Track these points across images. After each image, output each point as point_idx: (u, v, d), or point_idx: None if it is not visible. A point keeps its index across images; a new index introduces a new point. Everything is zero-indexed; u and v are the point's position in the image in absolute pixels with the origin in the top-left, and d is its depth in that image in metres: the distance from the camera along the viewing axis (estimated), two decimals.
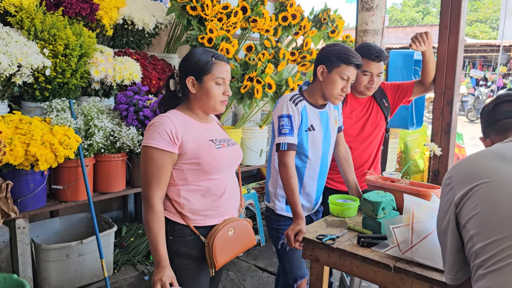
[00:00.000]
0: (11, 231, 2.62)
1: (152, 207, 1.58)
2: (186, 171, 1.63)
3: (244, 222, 1.79)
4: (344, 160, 2.33)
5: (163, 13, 3.74)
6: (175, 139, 1.59)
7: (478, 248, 1.09)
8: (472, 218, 1.11)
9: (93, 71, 2.91)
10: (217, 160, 1.65)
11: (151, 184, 1.59)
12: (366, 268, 1.67)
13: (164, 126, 1.59)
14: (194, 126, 1.68)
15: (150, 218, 1.57)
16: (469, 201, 1.13)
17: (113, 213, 4.07)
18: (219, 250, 1.64)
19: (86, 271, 3.03)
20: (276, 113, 2.07)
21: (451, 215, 1.17)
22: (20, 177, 2.52)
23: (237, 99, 3.34)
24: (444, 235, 1.21)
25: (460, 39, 2.40)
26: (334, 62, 2.00)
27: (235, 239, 1.72)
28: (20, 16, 2.69)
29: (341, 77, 2.00)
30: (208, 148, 1.65)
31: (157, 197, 1.59)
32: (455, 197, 1.16)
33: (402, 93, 2.58)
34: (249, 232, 1.81)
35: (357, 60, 2.00)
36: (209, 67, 1.64)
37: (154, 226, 1.56)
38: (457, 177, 1.19)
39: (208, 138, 1.69)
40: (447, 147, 2.46)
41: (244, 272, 3.51)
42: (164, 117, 1.62)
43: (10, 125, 2.44)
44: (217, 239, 1.64)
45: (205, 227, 1.67)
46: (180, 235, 1.65)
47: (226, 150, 1.71)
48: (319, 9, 4.18)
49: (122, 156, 3.02)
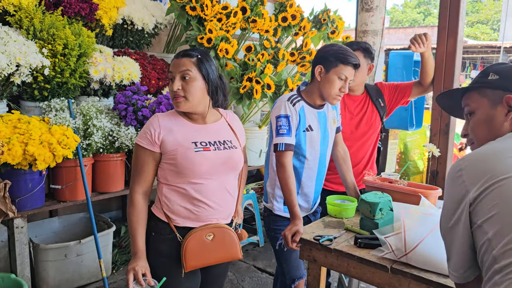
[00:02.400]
0: (9, 231, 2.61)
1: (132, 201, 1.66)
2: (166, 171, 1.66)
3: (229, 231, 1.72)
4: (342, 160, 2.33)
5: (163, 13, 3.74)
6: (155, 138, 1.63)
7: (498, 252, 1.00)
8: (491, 219, 1.02)
9: (92, 70, 2.91)
10: (193, 164, 1.61)
11: (133, 179, 1.68)
12: (363, 269, 1.67)
13: (149, 124, 1.65)
14: (181, 127, 1.67)
15: (129, 211, 1.65)
16: (486, 199, 1.03)
17: (112, 213, 4.07)
18: (191, 252, 1.63)
19: (85, 271, 3.03)
20: (274, 113, 2.06)
21: (463, 212, 1.08)
22: (18, 177, 2.52)
23: (236, 99, 3.34)
24: (452, 232, 1.12)
25: (459, 39, 2.40)
26: (332, 62, 1.99)
27: (212, 245, 1.67)
28: (19, 15, 2.69)
29: (339, 77, 1.99)
30: (185, 150, 1.62)
31: (137, 192, 1.66)
32: (468, 193, 1.06)
33: (400, 94, 2.58)
34: (233, 243, 1.73)
35: (355, 60, 1.99)
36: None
37: (132, 219, 1.64)
38: (469, 170, 1.09)
39: (192, 140, 1.65)
40: (445, 148, 2.46)
41: (243, 272, 3.51)
42: (155, 116, 1.68)
43: (9, 125, 2.44)
44: (190, 240, 1.63)
45: (185, 228, 1.67)
46: (161, 233, 1.69)
47: (209, 154, 1.65)
48: (319, 9, 4.17)
49: (121, 156, 3.02)
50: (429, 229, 1.56)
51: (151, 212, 1.71)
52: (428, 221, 1.61)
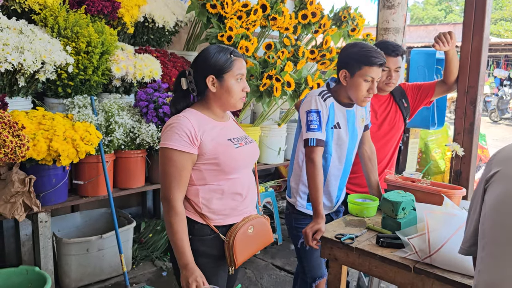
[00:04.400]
0: (34, 225, 2.67)
1: (175, 209, 1.55)
2: (205, 171, 1.61)
3: (263, 219, 1.78)
4: (368, 159, 2.30)
5: (183, 11, 3.77)
6: (194, 140, 1.56)
7: (486, 228, 1.06)
8: (492, 198, 1.07)
9: (114, 68, 2.95)
10: (236, 160, 1.63)
11: (171, 186, 1.56)
12: (385, 268, 1.65)
13: (183, 126, 1.56)
14: (211, 125, 1.64)
15: (173, 220, 1.55)
16: (498, 180, 1.07)
17: (132, 209, 4.12)
18: (239, 248, 1.64)
19: (106, 265, 3.08)
20: (304, 108, 2.03)
21: (480, 190, 1.13)
22: (42, 172, 2.57)
23: (256, 97, 3.34)
24: (471, 205, 1.18)
25: (484, 37, 2.35)
26: (355, 66, 1.94)
27: (254, 237, 1.71)
28: (44, 14, 2.74)
29: (364, 80, 1.94)
30: (226, 148, 1.62)
31: (179, 199, 1.57)
32: (489, 173, 1.11)
33: (424, 94, 2.54)
34: (267, 229, 1.80)
35: (379, 59, 1.93)
36: (229, 65, 1.61)
37: (178, 229, 1.54)
38: (499, 156, 1.13)
39: (226, 137, 1.66)
40: (469, 147, 2.41)
41: (262, 270, 3.51)
42: (181, 117, 1.59)
43: (34, 121, 2.49)
44: (237, 237, 1.63)
45: (224, 226, 1.66)
46: (200, 234, 1.64)
47: (244, 149, 1.68)
48: (340, 7, 4.14)
49: (142, 152, 3.05)
50: (453, 230, 1.53)
51: None
52: (453, 221, 1.58)
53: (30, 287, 2.46)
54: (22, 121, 2.36)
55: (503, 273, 0.99)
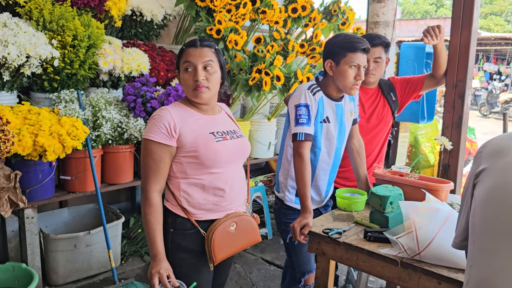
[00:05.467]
0: (20, 221, 2.64)
1: (149, 200, 1.57)
2: (185, 164, 1.61)
3: (248, 218, 1.74)
4: (356, 153, 2.29)
5: (172, 4, 3.72)
6: (172, 132, 1.56)
7: (476, 223, 1.06)
8: (481, 194, 1.07)
9: (101, 62, 2.91)
10: (216, 153, 1.60)
11: (149, 177, 1.58)
12: (372, 262, 1.65)
13: (162, 119, 1.57)
14: (194, 118, 1.64)
15: (147, 211, 1.57)
16: (487, 175, 1.08)
17: (121, 204, 4.09)
18: (218, 245, 1.62)
19: (94, 261, 3.06)
20: (293, 102, 2.02)
21: (469, 184, 1.14)
22: (28, 168, 2.54)
23: (245, 91, 3.32)
24: (463, 201, 1.18)
25: (473, 30, 2.35)
26: (340, 54, 1.95)
27: (236, 235, 1.68)
28: (29, 6, 2.69)
29: (350, 66, 1.95)
30: (206, 141, 1.60)
31: (155, 190, 1.58)
32: (478, 168, 1.11)
33: (412, 88, 2.54)
34: (253, 228, 1.76)
35: (363, 44, 1.93)
36: (180, 56, 1.64)
37: (151, 220, 1.56)
38: (487, 149, 1.14)
39: (209, 130, 1.64)
40: (458, 141, 2.42)
41: (251, 265, 3.51)
42: (163, 109, 1.60)
43: (19, 116, 2.45)
44: (216, 233, 1.61)
45: (206, 221, 1.65)
46: (181, 228, 1.64)
47: (227, 143, 1.66)
48: (330, 0, 4.12)
49: (130, 147, 3.02)
50: (439, 224, 1.54)
51: (165, 208, 1.66)
52: (438, 216, 1.58)
53: (17, 284, 2.44)
54: (7, 116, 2.32)
55: (494, 267, 0.99)
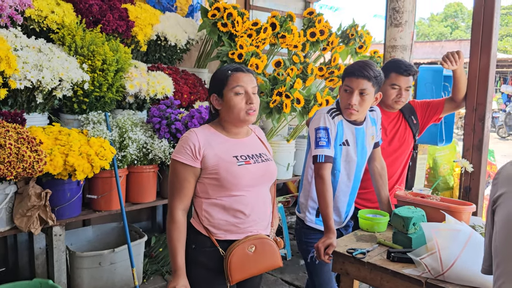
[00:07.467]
0: (48, 238, 2.72)
1: (173, 217, 1.65)
2: (207, 185, 1.67)
3: (269, 241, 1.75)
4: (378, 175, 2.33)
5: (195, 30, 3.85)
6: (197, 154, 1.64)
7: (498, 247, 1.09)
8: (501, 218, 1.10)
9: (128, 85, 3.02)
10: (236, 177, 1.65)
11: (173, 196, 1.67)
12: (396, 283, 1.67)
13: (189, 140, 1.65)
14: (219, 141, 1.70)
15: (170, 227, 1.65)
16: (505, 200, 1.11)
17: (142, 223, 4.15)
18: (236, 265, 1.65)
19: (118, 279, 3.10)
20: (313, 125, 2.09)
21: (489, 210, 1.17)
22: (58, 186, 2.62)
23: (265, 113, 3.39)
24: (485, 226, 1.22)
25: (492, 55, 2.40)
26: (343, 79, 2.10)
27: (255, 257, 1.70)
28: (62, 33, 2.83)
29: (344, 90, 2.06)
30: (228, 164, 1.65)
31: (178, 208, 1.66)
32: (496, 193, 1.15)
33: (432, 111, 2.58)
34: (274, 252, 1.76)
35: (357, 72, 2.00)
36: (225, 80, 1.67)
37: (173, 236, 1.64)
38: (503, 175, 1.17)
39: (233, 154, 1.69)
40: (478, 163, 2.44)
41: (271, 285, 3.52)
42: (191, 131, 1.68)
43: (50, 136, 2.55)
44: (234, 254, 1.65)
45: (226, 241, 1.69)
46: (202, 245, 1.69)
47: (250, 167, 1.69)
48: (347, 24, 4.22)
49: (154, 167, 3.10)
50: (461, 245, 1.56)
51: (190, 225, 1.72)
52: (459, 236, 1.60)
53: None
54: (40, 137, 2.43)
55: None
